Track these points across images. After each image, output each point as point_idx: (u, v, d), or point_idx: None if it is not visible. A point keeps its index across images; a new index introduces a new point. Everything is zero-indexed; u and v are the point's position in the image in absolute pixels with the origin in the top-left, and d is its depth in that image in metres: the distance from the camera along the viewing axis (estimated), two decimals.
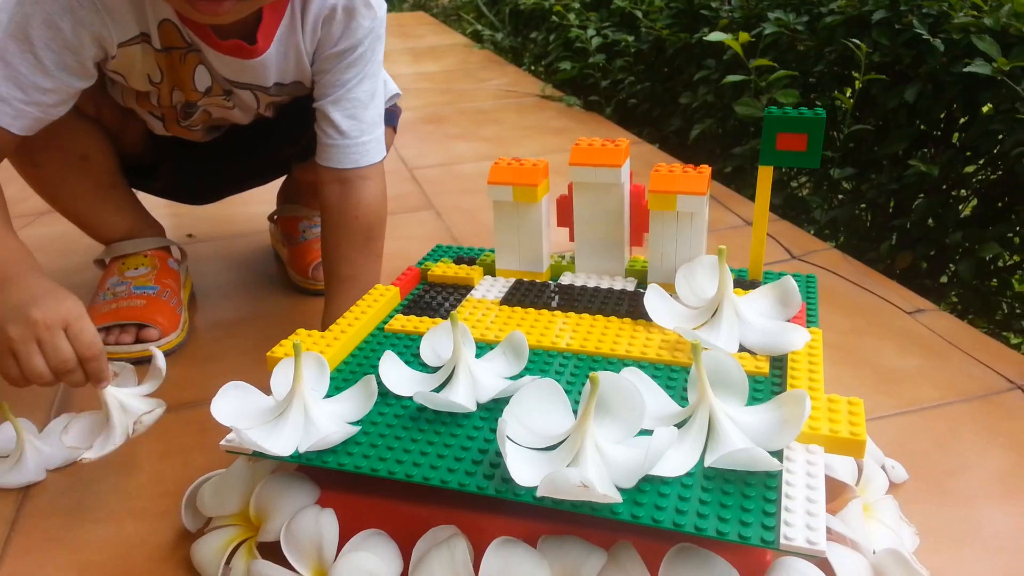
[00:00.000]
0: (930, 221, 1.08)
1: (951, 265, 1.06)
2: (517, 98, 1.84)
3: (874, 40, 1.07)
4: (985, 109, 0.98)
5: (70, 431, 0.65)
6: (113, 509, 0.61)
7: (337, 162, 0.75)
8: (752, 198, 1.22)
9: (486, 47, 2.45)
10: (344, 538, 0.50)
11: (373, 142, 0.76)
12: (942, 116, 1.07)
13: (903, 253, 1.09)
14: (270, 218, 1.04)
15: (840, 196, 1.23)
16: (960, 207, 1.06)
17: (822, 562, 0.46)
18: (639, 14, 1.60)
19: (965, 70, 0.92)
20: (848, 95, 1.10)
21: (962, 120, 1.04)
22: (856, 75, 1.08)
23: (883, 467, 0.60)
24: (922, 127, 1.08)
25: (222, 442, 0.50)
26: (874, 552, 0.49)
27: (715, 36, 1.17)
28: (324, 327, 0.77)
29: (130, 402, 0.62)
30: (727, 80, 1.18)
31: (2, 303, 0.60)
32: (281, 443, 0.49)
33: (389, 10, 0.81)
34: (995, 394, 0.72)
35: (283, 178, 1.03)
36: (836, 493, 0.55)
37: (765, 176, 0.63)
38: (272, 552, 0.50)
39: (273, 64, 0.73)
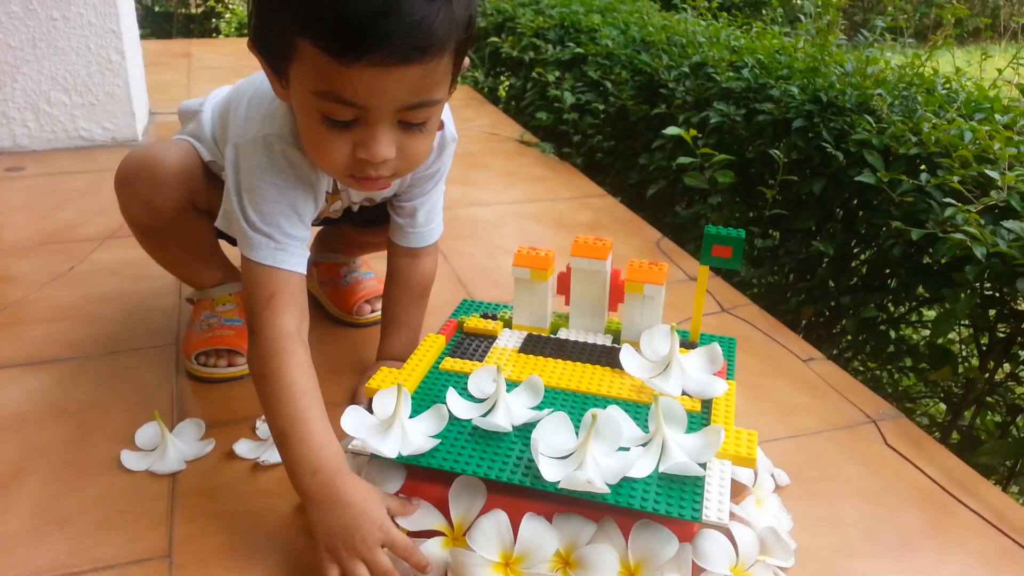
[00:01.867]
0: (830, 283, 1.40)
1: (844, 321, 1.38)
2: (499, 142, 2.11)
3: (793, 141, 1.38)
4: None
5: (241, 446, 0.93)
6: (243, 490, 0.87)
7: (411, 243, 1.01)
8: (692, 254, 1.53)
9: (466, 83, 2.71)
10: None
11: (437, 226, 1.02)
12: (841, 204, 1.38)
13: (807, 307, 1.40)
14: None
15: (761, 258, 1.54)
16: (851, 276, 1.38)
17: (728, 533, 0.75)
18: (608, 84, 1.90)
19: (857, 178, 1.23)
20: (772, 183, 1.41)
21: (857, 210, 1.36)
22: (775, 154, 1.38)
23: (772, 474, 0.90)
24: (827, 210, 1.39)
25: (349, 445, 0.77)
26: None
27: (671, 131, 1.46)
28: (380, 356, 1.04)
29: None
30: (679, 161, 1.48)
31: (324, 519, 0.73)
32: (388, 448, 0.76)
33: None
34: (856, 425, 1.03)
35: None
36: (739, 491, 0.84)
37: (703, 273, 0.92)
38: None
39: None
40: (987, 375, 1.20)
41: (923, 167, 1.21)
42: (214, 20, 4.71)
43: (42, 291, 1.27)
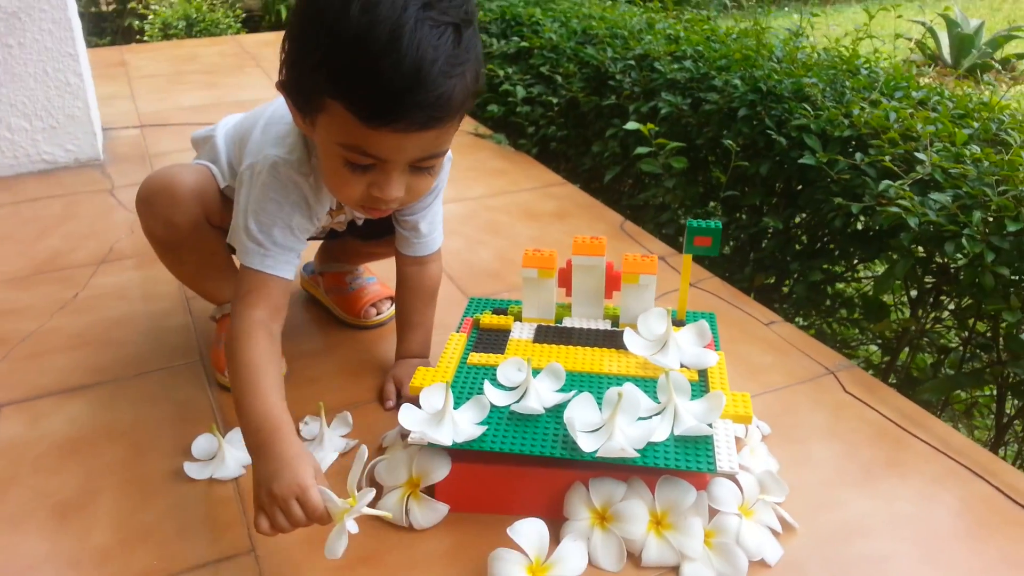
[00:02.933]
0: (777, 253, 1.56)
1: (788, 282, 1.55)
2: (455, 136, 2.21)
3: (739, 128, 1.53)
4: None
5: None
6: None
7: (417, 252, 1.11)
8: (652, 233, 1.67)
9: None
10: (470, 490, 0.89)
11: (439, 234, 1.13)
12: (784, 183, 1.54)
13: (759, 275, 1.57)
14: (310, 272, 1.38)
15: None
16: (796, 245, 1.55)
17: (734, 479, 0.90)
18: (558, 78, 2.01)
19: (799, 161, 1.39)
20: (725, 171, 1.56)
21: (799, 188, 1.52)
22: (727, 143, 1.53)
23: (757, 426, 1.05)
24: (771, 188, 1.56)
25: (410, 437, 0.88)
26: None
27: (631, 125, 1.60)
28: (400, 355, 1.15)
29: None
30: (637, 151, 1.61)
31: (257, 470, 0.82)
32: (443, 436, 0.88)
33: None
34: (818, 378, 1.19)
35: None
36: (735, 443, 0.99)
37: (687, 261, 1.06)
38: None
39: None
40: (918, 323, 1.38)
41: (853, 146, 1.37)
42: (128, 19, 4.60)
43: (54, 320, 1.33)
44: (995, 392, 1.30)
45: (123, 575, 0.86)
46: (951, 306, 1.39)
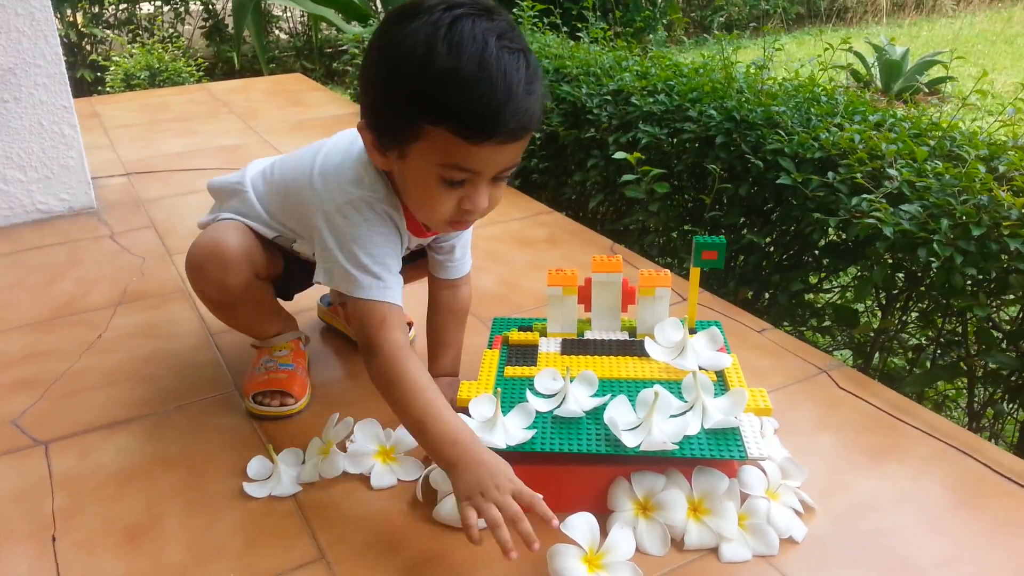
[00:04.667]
0: (757, 268, 1.69)
1: (766, 295, 1.67)
2: None
3: (717, 154, 1.66)
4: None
5: (346, 463, 1.08)
6: (360, 497, 1.04)
7: (450, 275, 1.20)
8: (640, 253, 1.78)
9: None
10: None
11: (468, 258, 1.22)
12: (762, 202, 1.68)
13: (743, 288, 1.69)
14: (327, 303, 1.45)
15: None
16: (775, 259, 1.67)
17: (759, 466, 0.99)
18: None
19: (777, 181, 1.52)
20: (709, 193, 1.69)
21: (776, 206, 1.65)
22: (711, 168, 1.66)
23: (768, 421, 1.16)
24: (749, 208, 1.69)
25: None
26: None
27: (619, 155, 1.72)
28: (432, 374, 1.21)
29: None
30: (623, 179, 1.73)
31: (464, 477, 0.90)
32: (497, 440, 0.96)
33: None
34: (811, 377, 1.30)
35: None
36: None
37: (695, 273, 1.16)
38: None
39: None
40: (893, 325, 1.52)
41: (820, 166, 1.51)
42: (80, 70, 4.60)
43: (83, 360, 1.36)
44: (966, 384, 1.43)
45: None
46: (917, 309, 1.53)
